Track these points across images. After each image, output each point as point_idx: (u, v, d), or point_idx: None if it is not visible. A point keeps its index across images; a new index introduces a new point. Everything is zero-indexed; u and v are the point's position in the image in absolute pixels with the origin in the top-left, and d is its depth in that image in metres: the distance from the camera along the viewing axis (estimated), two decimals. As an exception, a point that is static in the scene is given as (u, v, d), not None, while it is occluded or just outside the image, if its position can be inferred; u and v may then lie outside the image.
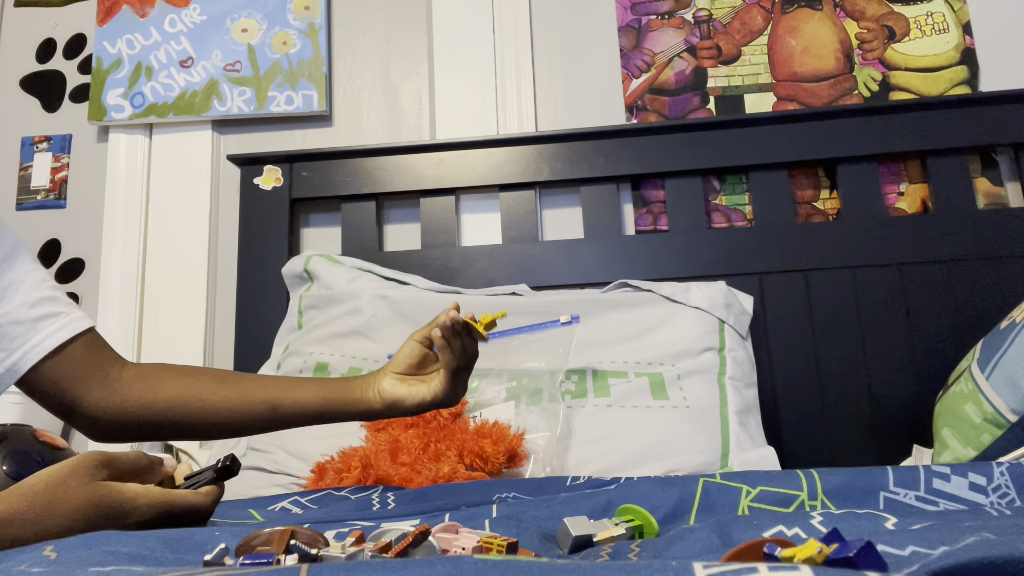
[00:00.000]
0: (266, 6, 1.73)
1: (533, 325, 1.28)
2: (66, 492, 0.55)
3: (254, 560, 0.42)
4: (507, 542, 0.48)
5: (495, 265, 1.52)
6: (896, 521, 0.52)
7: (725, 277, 1.45)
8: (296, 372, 1.35)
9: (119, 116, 1.71)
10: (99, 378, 0.81)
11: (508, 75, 1.66)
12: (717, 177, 1.58)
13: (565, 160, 1.55)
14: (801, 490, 0.67)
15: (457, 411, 1.14)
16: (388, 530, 0.54)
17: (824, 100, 1.59)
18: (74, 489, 0.55)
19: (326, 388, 0.86)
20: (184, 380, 0.84)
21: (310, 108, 1.68)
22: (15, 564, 0.44)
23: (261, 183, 1.61)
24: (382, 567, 0.33)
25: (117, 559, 0.46)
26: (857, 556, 0.34)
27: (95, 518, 0.55)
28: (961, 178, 1.47)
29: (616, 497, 0.68)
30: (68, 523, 0.54)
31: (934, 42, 1.59)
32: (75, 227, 1.74)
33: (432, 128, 1.68)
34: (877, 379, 1.40)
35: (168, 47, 1.73)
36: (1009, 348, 1.04)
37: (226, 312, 1.64)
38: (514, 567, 0.32)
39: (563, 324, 1.25)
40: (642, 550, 0.53)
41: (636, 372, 1.25)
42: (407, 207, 1.65)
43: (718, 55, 1.63)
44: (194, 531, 0.54)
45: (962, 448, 1.08)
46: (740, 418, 1.21)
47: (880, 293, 1.43)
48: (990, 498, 0.66)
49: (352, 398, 0.85)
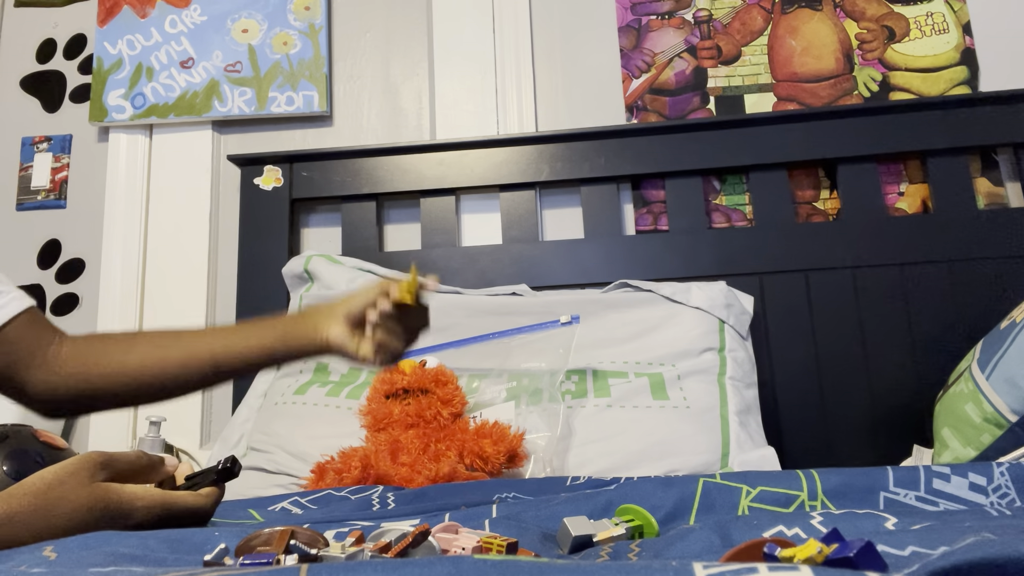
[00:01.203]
0: (266, 7, 1.73)
1: (533, 325, 1.28)
2: (66, 493, 0.55)
3: (254, 560, 0.42)
4: (507, 542, 0.48)
5: (495, 265, 1.52)
6: (896, 521, 0.52)
7: (725, 277, 1.45)
8: (296, 372, 1.35)
9: (120, 117, 1.71)
10: (40, 357, 0.81)
11: (508, 75, 1.66)
12: (717, 177, 1.58)
13: (565, 160, 1.55)
14: (801, 490, 0.67)
15: (457, 411, 1.14)
16: (388, 530, 0.54)
17: (824, 100, 1.59)
18: (74, 490, 0.55)
19: (268, 337, 0.83)
20: (119, 348, 0.83)
21: (311, 108, 1.68)
22: (15, 565, 0.44)
23: (261, 183, 1.61)
24: (382, 567, 0.33)
25: (117, 560, 0.46)
26: (857, 556, 0.34)
27: (94, 519, 0.56)
28: (961, 178, 1.47)
29: (616, 497, 0.68)
30: (68, 524, 0.54)
31: (934, 42, 1.59)
32: (75, 227, 1.74)
33: (432, 128, 1.68)
34: (877, 379, 1.40)
35: (169, 48, 1.73)
36: (1009, 348, 1.04)
37: (226, 312, 1.64)
38: (514, 567, 0.32)
39: (563, 324, 1.25)
40: (642, 550, 0.53)
41: (636, 372, 1.25)
42: (407, 207, 1.65)
43: (718, 55, 1.63)
44: (194, 531, 0.54)
45: (962, 448, 1.08)
46: (740, 418, 1.21)
47: (880, 293, 1.43)
48: (990, 498, 0.66)
49: (296, 345, 0.83)
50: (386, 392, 1.14)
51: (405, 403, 1.12)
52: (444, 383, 1.15)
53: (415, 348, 0.85)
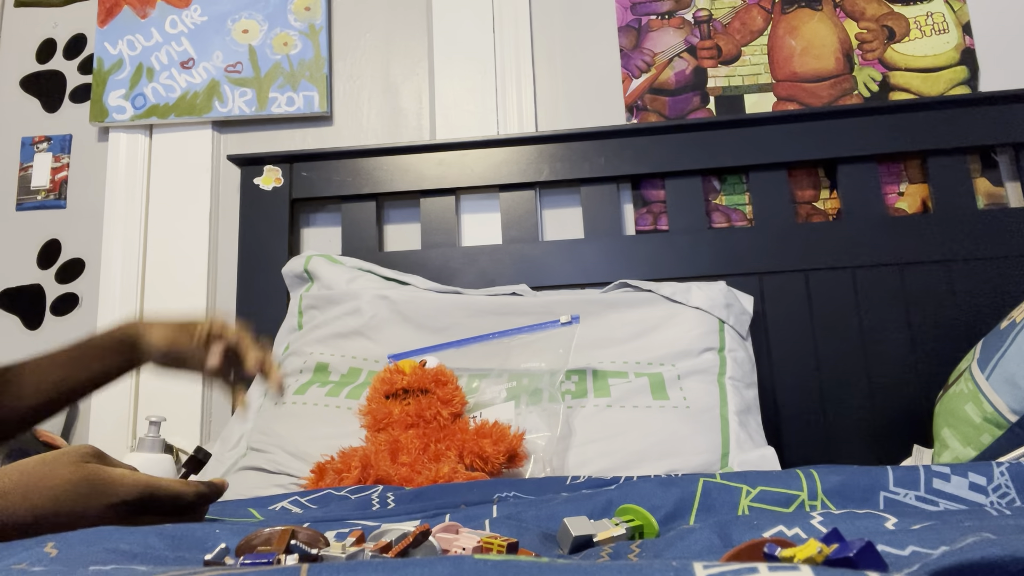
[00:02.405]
0: (267, 7, 1.73)
1: (533, 325, 1.28)
2: (54, 469, 0.59)
3: (254, 560, 0.42)
4: (507, 542, 0.48)
5: (495, 265, 1.52)
6: (896, 521, 0.52)
7: (725, 277, 1.45)
8: (296, 372, 1.35)
9: (121, 117, 1.71)
10: None
11: (508, 75, 1.66)
12: (717, 177, 1.58)
13: (565, 160, 1.55)
14: (801, 490, 0.67)
15: (457, 411, 1.14)
16: (388, 530, 0.54)
17: (824, 100, 1.59)
18: (63, 466, 0.59)
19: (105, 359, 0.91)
20: None
21: (311, 109, 1.68)
22: (16, 562, 0.44)
23: (261, 183, 1.61)
24: (382, 567, 0.33)
25: (118, 557, 0.46)
26: (857, 556, 0.34)
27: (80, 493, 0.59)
28: (961, 178, 1.48)
29: (616, 497, 0.68)
30: (56, 494, 0.58)
31: (934, 42, 1.59)
32: (75, 227, 1.74)
33: (432, 128, 1.68)
34: (877, 379, 1.40)
35: (169, 48, 1.73)
36: (1009, 348, 1.04)
37: (226, 312, 1.64)
38: (514, 567, 0.32)
39: (563, 324, 1.25)
40: (642, 550, 0.53)
41: (636, 372, 1.25)
42: (407, 207, 1.65)
43: (718, 55, 1.63)
44: (195, 528, 0.54)
45: (962, 448, 1.08)
46: (740, 418, 1.21)
47: (880, 293, 1.43)
48: (990, 498, 0.66)
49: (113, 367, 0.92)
50: (386, 392, 1.14)
51: (405, 403, 1.12)
52: (444, 383, 1.15)
53: None
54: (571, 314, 1.27)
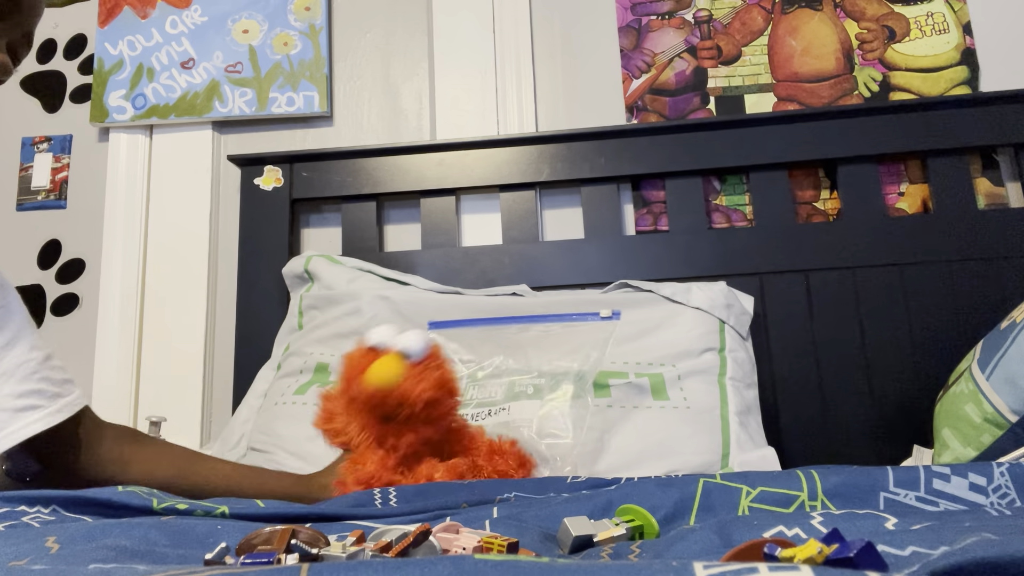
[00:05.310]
0: (267, 7, 1.73)
1: (572, 314, 1.23)
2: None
3: (255, 559, 0.42)
4: (508, 542, 0.48)
5: (495, 265, 1.52)
6: (896, 521, 0.52)
7: (725, 277, 1.45)
8: (297, 372, 1.35)
9: (121, 118, 1.71)
10: (73, 459, 0.88)
11: (508, 75, 1.66)
12: (717, 177, 1.58)
13: (565, 160, 1.55)
14: (801, 490, 0.67)
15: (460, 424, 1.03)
16: (389, 530, 0.54)
17: (824, 100, 1.59)
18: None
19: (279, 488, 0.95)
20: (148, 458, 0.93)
21: (311, 109, 1.68)
22: (17, 560, 0.44)
23: (261, 183, 1.61)
24: (383, 567, 0.33)
25: (119, 555, 0.46)
26: (857, 556, 0.34)
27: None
28: (961, 178, 1.47)
29: (616, 497, 0.68)
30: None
31: (934, 42, 1.59)
32: (75, 227, 1.74)
33: (432, 128, 1.68)
34: (877, 379, 1.40)
35: (169, 48, 1.73)
36: (1009, 348, 1.04)
37: (226, 313, 1.64)
38: (515, 567, 0.33)
39: (603, 319, 1.20)
40: (642, 550, 0.53)
41: (637, 373, 1.25)
42: (407, 207, 1.65)
43: (718, 55, 1.63)
44: (196, 524, 0.54)
45: (962, 448, 1.08)
46: (740, 418, 1.21)
47: (880, 293, 1.43)
48: (990, 498, 0.66)
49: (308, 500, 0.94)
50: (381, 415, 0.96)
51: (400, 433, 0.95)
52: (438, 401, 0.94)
53: None
54: (612, 309, 1.22)
